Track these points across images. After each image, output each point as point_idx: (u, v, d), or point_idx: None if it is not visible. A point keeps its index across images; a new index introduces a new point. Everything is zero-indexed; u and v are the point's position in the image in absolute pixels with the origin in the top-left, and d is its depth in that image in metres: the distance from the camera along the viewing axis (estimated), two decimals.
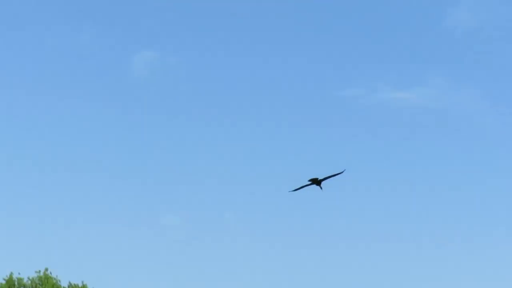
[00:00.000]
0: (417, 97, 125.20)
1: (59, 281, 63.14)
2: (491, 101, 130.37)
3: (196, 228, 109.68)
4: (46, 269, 64.42)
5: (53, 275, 63.41)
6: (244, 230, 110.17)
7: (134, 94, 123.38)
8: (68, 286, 63.38)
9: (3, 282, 60.90)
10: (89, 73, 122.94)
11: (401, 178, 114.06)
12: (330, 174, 27.11)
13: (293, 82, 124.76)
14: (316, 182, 27.09)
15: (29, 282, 63.72)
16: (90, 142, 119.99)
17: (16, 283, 62.28)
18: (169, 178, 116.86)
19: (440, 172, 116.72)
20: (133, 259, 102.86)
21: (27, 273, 78.36)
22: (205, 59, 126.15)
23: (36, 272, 64.52)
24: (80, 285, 61.93)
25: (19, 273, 66.41)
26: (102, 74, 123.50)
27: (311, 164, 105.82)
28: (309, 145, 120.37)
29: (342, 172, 27.13)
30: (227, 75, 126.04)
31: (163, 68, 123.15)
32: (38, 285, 62.92)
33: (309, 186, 26.90)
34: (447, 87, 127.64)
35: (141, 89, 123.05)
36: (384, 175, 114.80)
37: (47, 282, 62.40)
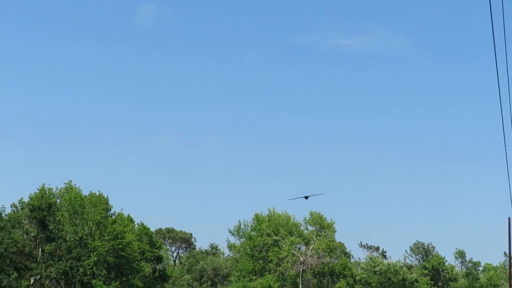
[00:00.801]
0: (361, 44, 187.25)
1: (81, 190, 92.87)
2: (418, 46, 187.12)
3: (183, 147, 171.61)
4: (70, 181, 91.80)
5: (76, 186, 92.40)
6: (221, 153, 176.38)
7: (136, 37, 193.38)
8: (89, 194, 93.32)
9: (37, 191, 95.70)
10: (98, 19, 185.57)
11: (353, 105, 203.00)
12: (314, 194, 54.02)
13: (262, 31, 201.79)
14: (306, 197, 53.99)
15: (57, 191, 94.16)
16: (101, 77, 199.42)
17: (47, 192, 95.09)
18: (162, 107, 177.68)
19: (378, 100, 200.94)
20: (135, 172, 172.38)
21: (56, 185, 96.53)
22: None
23: (65, 183, 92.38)
24: (97, 193, 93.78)
25: (49, 184, 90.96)
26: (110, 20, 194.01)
27: (279, 96, 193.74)
28: (278, 81, 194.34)
29: (322, 193, 55.93)
30: (210, 26, 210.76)
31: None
32: (64, 194, 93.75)
33: (301, 198, 53.79)
34: (384, 35, 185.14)
35: (142, 34, 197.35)
36: (343, 102, 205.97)
37: (72, 191, 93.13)
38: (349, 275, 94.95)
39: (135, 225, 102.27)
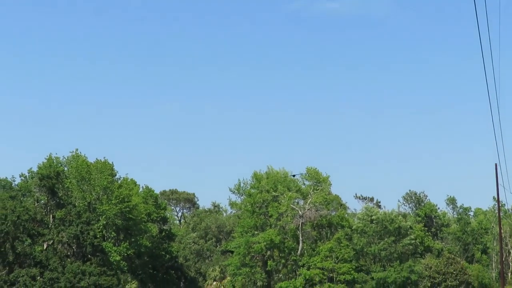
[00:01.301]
0: (346, 6, 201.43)
1: (87, 158, 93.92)
2: (400, 7, 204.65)
3: (184, 113, 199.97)
4: (76, 149, 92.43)
5: (82, 154, 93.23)
6: (220, 117, 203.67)
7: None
8: (95, 161, 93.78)
9: (45, 160, 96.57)
10: None
11: (343, 64, 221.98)
12: (299, 173, 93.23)
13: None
14: (293, 175, 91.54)
15: (64, 160, 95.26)
16: (103, 46, 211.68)
17: (54, 161, 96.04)
18: (166, 75, 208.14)
19: (363, 55, 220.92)
20: (138, 138, 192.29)
21: (63, 153, 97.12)
22: None
23: (71, 152, 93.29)
24: (103, 160, 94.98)
25: (56, 153, 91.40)
26: None
27: (273, 61, 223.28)
28: (271, 47, 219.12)
29: (304, 174, 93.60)
30: None
31: None
32: (71, 162, 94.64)
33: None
34: None
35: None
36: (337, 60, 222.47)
37: (78, 159, 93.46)
38: (346, 225, 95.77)
39: (140, 189, 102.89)
